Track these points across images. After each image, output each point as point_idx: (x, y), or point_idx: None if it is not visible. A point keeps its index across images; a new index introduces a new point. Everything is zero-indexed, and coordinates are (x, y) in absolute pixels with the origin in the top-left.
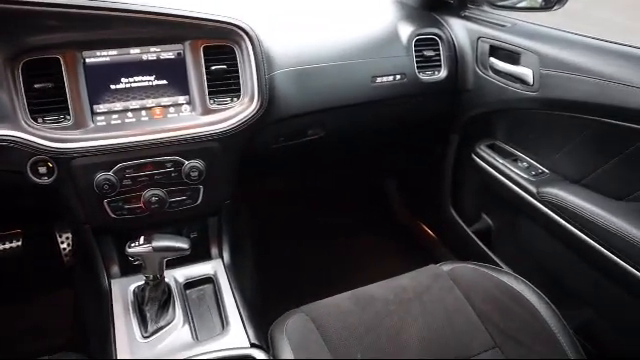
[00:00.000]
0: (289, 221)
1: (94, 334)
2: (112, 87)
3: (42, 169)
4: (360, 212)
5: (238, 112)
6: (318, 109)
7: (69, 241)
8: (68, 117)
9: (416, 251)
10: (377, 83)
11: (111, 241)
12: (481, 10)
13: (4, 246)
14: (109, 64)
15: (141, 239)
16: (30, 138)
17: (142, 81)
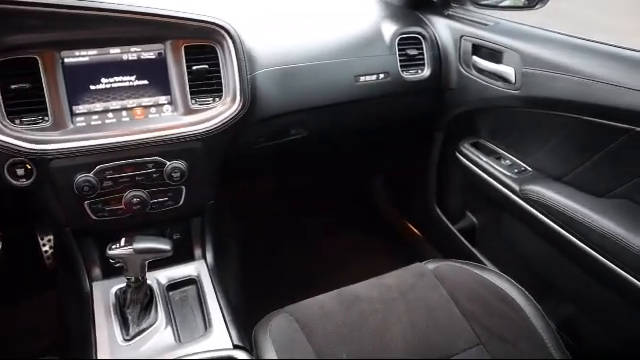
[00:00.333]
0: (273, 221)
1: (76, 337)
2: (92, 87)
3: (20, 171)
4: (345, 211)
5: (220, 112)
6: (301, 108)
7: (51, 243)
8: (47, 118)
9: (401, 249)
10: (360, 82)
11: (92, 243)
12: (464, 9)
13: None
14: (88, 64)
15: (122, 241)
16: (7, 140)
17: (123, 81)
